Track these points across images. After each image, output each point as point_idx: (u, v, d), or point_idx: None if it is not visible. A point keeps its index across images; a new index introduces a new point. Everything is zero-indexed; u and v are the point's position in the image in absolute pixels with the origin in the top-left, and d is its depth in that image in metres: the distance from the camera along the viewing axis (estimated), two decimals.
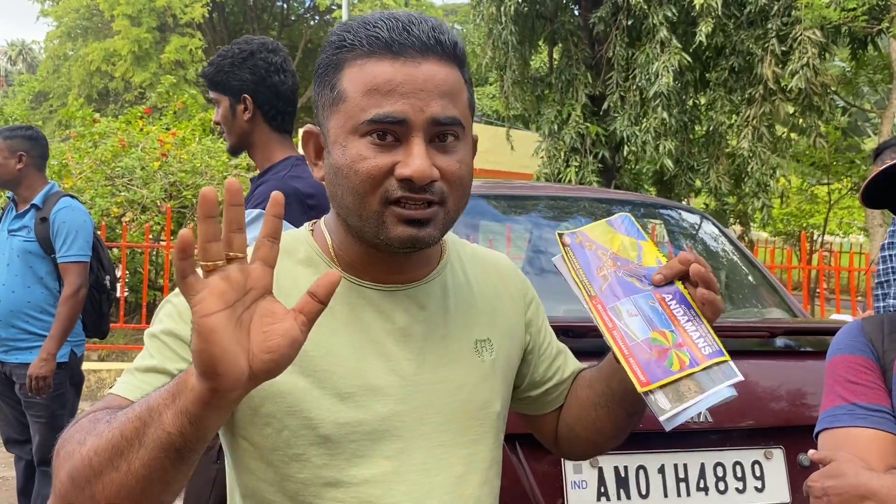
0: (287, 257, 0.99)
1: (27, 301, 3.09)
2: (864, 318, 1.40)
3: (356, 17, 0.95)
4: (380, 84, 0.89)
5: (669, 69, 8.91)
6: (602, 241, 1.05)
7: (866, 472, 1.18)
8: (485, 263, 1.14)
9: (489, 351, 1.05)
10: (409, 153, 0.89)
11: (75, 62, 23.60)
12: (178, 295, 0.94)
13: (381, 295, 0.99)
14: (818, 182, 14.25)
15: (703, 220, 3.20)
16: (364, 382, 0.95)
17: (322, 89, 0.96)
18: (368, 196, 0.91)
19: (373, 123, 0.89)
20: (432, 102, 0.90)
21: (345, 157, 0.91)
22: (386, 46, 0.90)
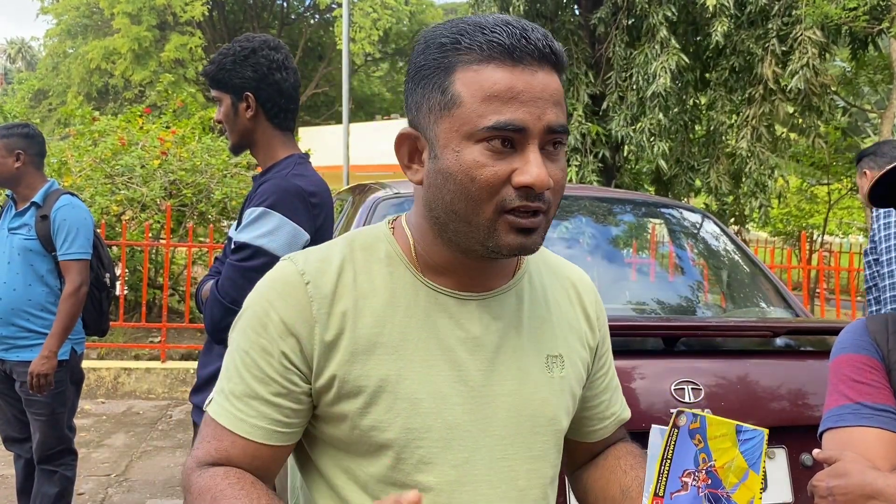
0: (367, 254, 0.99)
1: (28, 299, 3.08)
2: (869, 317, 1.40)
3: (463, 19, 0.93)
4: (500, 91, 0.88)
5: (667, 70, 8.90)
6: (715, 444, 0.93)
7: (872, 472, 1.18)
8: (562, 277, 1.12)
9: (560, 367, 1.05)
10: (527, 161, 0.89)
11: (75, 60, 23.58)
12: (259, 300, 0.97)
13: (456, 302, 0.99)
14: (818, 182, 14.24)
15: (704, 220, 3.20)
16: (434, 389, 0.95)
17: (428, 91, 0.93)
18: (484, 203, 0.90)
19: (493, 130, 0.88)
20: (548, 110, 0.90)
21: (459, 162, 0.89)
22: (507, 52, 0.89)
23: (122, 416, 5.70)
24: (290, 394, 0.95)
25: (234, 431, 0.95)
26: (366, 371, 0.94)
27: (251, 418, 0.94)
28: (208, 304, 1.95)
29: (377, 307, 0.96)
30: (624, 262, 3.09)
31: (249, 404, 0.95)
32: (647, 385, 1.94)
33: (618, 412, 1.18)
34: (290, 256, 1.00)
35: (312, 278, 0.95)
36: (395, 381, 0.94)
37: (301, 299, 0.94)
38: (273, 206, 1.91)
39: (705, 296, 3.00)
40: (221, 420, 0.96)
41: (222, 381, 0.97)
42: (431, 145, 0.93)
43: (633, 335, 2.16)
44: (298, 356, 0.94)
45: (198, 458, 0.96)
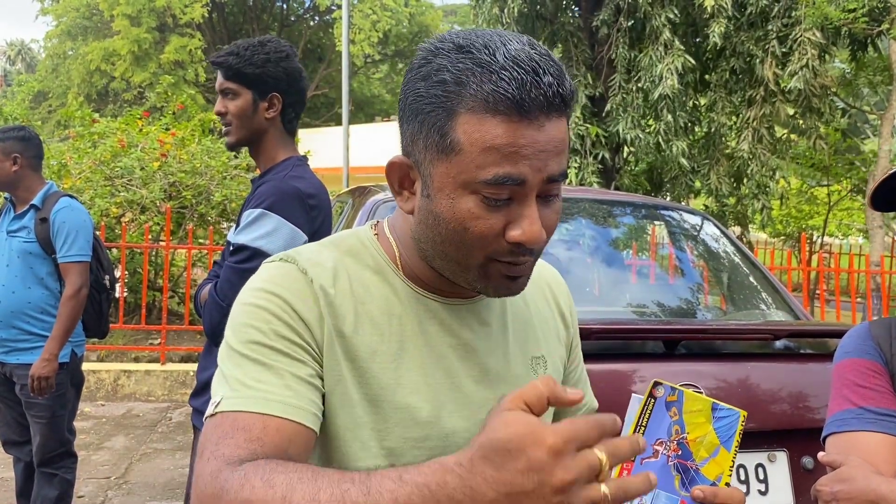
0: (354, 261, 0.98)
1: (28, 302, 3.07)
2: (873, 322, 1.39)
3: (470, 50, 0.85)
4: (501, 145, 0.84)
5: (674, 71, 8.90)
6: (689, 418, 0.94)
7: (876, 477, 1.18)
8: (537, 277, 1.12)
9: (543, 367, 1.06)
10: (522, 216, 0.87)
11: (74, 61, 23.60)
12: (263, 294, 0.91)
13: (445, 308, 0.98)
14: (818, 183, 14.24)
15: (704, 222, 3.19)
16: (430, 397, 0.95)
17: (426, 129, 0.88)
18: (476, 251, 0.90)
19: (491, 185, 0.85)
20: (550, 162, 0.87)
21: (453, 210, 0.88)
22: (514, 105, 0.83)
23: (121, 418, 5.69)
24: (318, 377, 0.90)
25: (273, 414, 0.84)
26: (366, 378, 0.93)
27: (292, 398, 0.86)
28: (207, 307, 1.95)
29: (375, 315, 0.95)
30: (624, 264, 3.09)
31: (287, 385, 0.86)
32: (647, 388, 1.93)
33: (588, 402, 1.20)
34: (283, 256, 0.97)
35: (315, 277, 0.93)
36: (393, 390, 0.93)
37: (309, 294, 0.92)
38: (271, 208, 1.91)
39: (706, 298, 3.00)
40: (248, 407, 0.85)
41: (237, 377, 0.88)
42: (425, 182, 0.91)
43: (633, 338, 2.15)
44: (315, 346, 0.91)
45: (225, 456, 0.81)
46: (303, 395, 0.87)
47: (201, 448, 0.84)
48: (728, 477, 0.93)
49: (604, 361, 2.00)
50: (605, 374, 1.97)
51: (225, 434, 0.83)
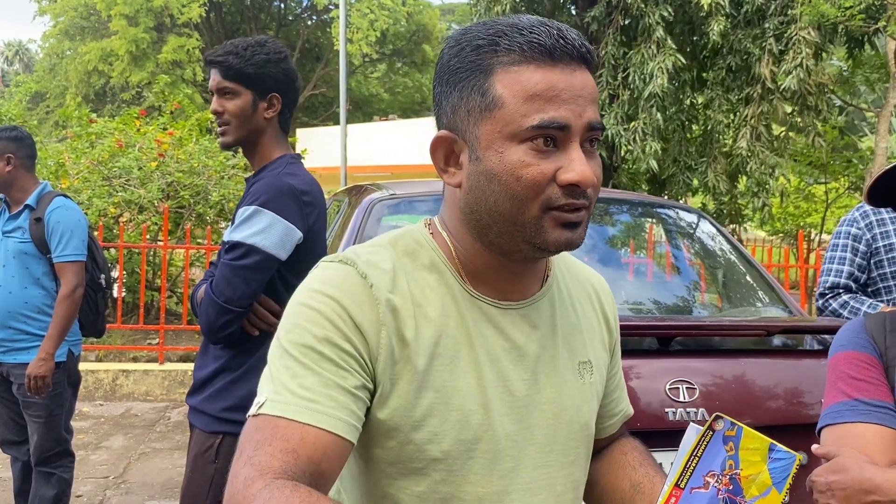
0: (412, 261, 0.98)
1: (24, 302, 3.08)
2: (867, 316, 1.41)
3: (497, 20, 0.93)
4: (542, 90, 0.89)
5: (664, 70, 8.90)
6: (745, 455, 0.94)
7: (870, 468, 1.19)
8: (584, 281, 1.13)
9: (589, 373, 1.06)
10: (571, 159, 0.90)
11: (72, 61, 23.59)
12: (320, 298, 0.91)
13: (498, 312, 0.98)
14: (815, 181, 14.26)
15: (700, 220, 3.20)
16: (484, 401, 0.95)
17: (466, 94, 0.92)
18: (530, 202, 0.90)
19: (537, 129, 0.88)
20: (588, 108, 0.91)
21: (503, 163, 0.90)
22: (547, 53, 0.89)
23: (120, 418, 5.70)
24: (365, 389, 0.90)
25: (313, 424, 0.84)
26: (425, 382, 0.92)
27: (333, 409, 0.86)
28: (203, 305, 1.95)
29: (432, 317, 0.95)
30: (621, 262, 3.10)
31: (331, 396, 0.86)
32: (642, 385, 1.94)
33: (624, 409, 1.21)
34: (341, 258, 0.95)
35: (374, 281, 0.92)
36: (450, 393, 0.93)
37: (368, 301, 0.91)
38: (265, 205, 1.92)
39: (702, 295, 3.00)
40: (290, 414, 0.85)
41: (282, 380, 0.87)
42: (472, 147, 0.93)
43: (628, 335, 2.15)
44: (366, 353, 0.90)
45: (260, 465, 0.81)
46: (345, 406, 0.87)
47: (241, 446, 0.85)
48: None
49: (633, 358, 2.00)
50: None
51: (264, 440, 0.84)
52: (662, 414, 1.85)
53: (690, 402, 1.88)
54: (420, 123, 18.27)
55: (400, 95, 27.73)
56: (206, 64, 2.09)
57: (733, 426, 0.95)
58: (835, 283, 2.45)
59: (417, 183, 3.25)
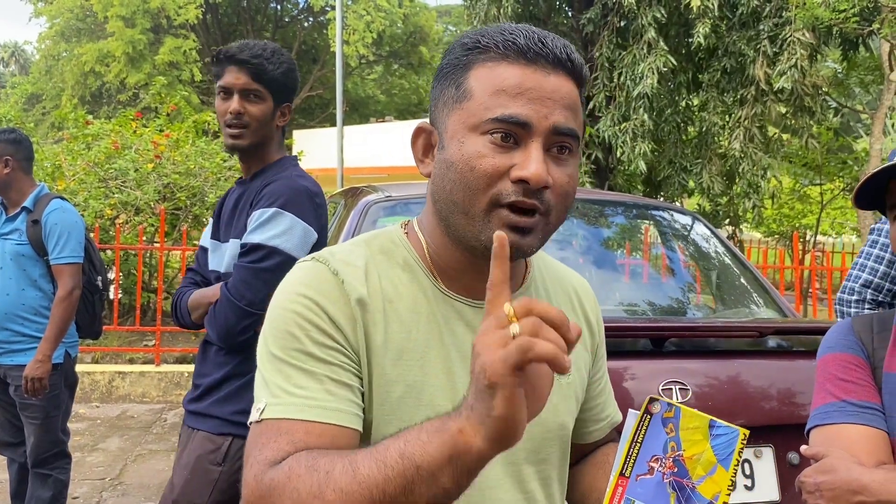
0: (385, 259, 1.00)
1: (21, 304, 3.08)
2: (855, 317, 1.42)
3: (490, 26, 0.97)
4: (509, 86, 0.91)
5: (655, 71, 8.92)
6: (686, 435, 0.94)
7: (858, 468, 1.20)
8: (565, 283, 1.14)
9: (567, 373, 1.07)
10: (528, 156, 0.90)
11: (68, 63, 23.53)
12: (296, 300, 0.92)
13: (471, 310, 0.99)
14: (810, 183, 14.29)
15: (694, 222, 3.21)
16: (453, 397, 0.95)
17: (445, 87, 0.97)
18: (480, 194, 0.91)
19: (496, 122, 0.90)
20: (556, 111, 0.91)
21: (462, 152, 0.92)
22: (521, 52, 0.91)
23: (116, 419, 5.70)
24: (355, 377, 0.92)
25: (318, 420, 0.87)
26: (395, 376, 0.94)
27: (332, 402, 0.88)
28: (220, 309, 1.93)
29: (403, 313, 0.96)
30: (615, 263, 3.11)
31: (327, 390, 0.89)
32: (635, 386, 1.95)
33: (612, 414, 1.21)
34: (314, 257, 0.98)
35: (346, 278, 0.95)
36: (420, 389, 0.95)
37: (341, 297, 0.93)
38: (284, 207, 1.93)
39: (696, 297, 3.02)
40: (298, 415, 0.87)
41: (278, 383, 0.90)
42: (441, 137, 0.96)
43: (621, 336, 2.17)
44: (349, 347, 0.93)
45: (268, 459, 0.85)
46: (342, 397, 0.90)
47: (247, 454, 0.88)
48: (726, 496, 0.91)
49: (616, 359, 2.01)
50: None
51: (268, 440, 0.87)
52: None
53: (684, 402, 1.89)
54: (415, 125, 18.28)
55: (396, 97, 27.73)
56: (230, 61, 2.01)
57: (670, 407, 0.94)
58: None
59: (413, 185, 3.27)
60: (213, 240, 2.12)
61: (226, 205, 2.12)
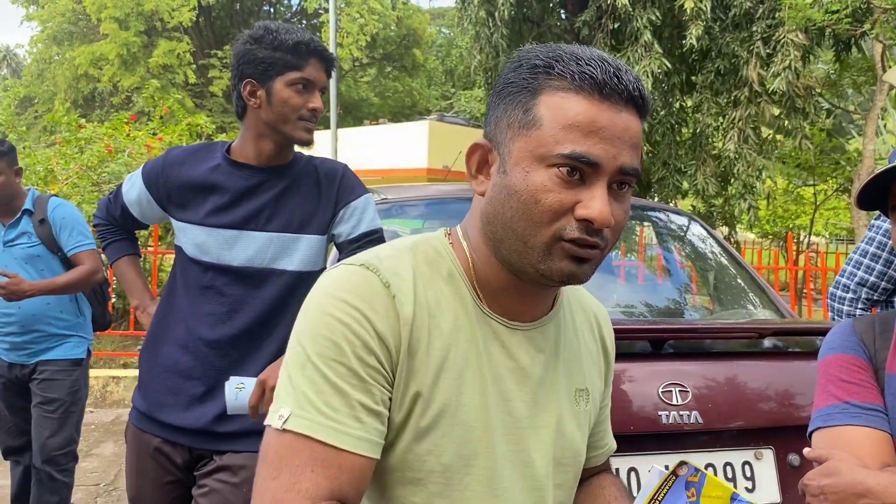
0: (430, 269, 0.98)
1: (46, 304, 3.10)
2: (856, 318, 1.41)
3: (562, 47, 0.93)
4: (582, 122, 0.88)
5: (649, 74, 8.94)
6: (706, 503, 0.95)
7: (862, 471, 1.19)
8: (586, 309, 1.14)
9: (585, 401, 1.07)
10: (593, 196, 0.89)
11: (61, 66, 23.45)
12: (345, 308, 0.90)
13: (506, 331, 0.99)
14: (804, 183, 14.35)
15: (690, 222, 3.21)
16: (485, 418, 0.95)
17: (510, 108, 0.93)
18: (543, 227, 0.90)
19: (567, 158, 0.88)
20: (624, 151, 0.90)
21: (527, 182, 0.90)
22: (597, 87, 0.89)
23: (110, 424, 5.66)
24: (388, 402, 0.92)
25: (342, 447, 0.87)
26: (433, 394, 0.93)
27: (359, 430, 0.88)
28: None
29: (445, 329, 0.95)
30: (612, 265, 3.10)
31: (356, 416, 0.88)
32: (635, 388, 1.94)
33: (609, 443, 1.22)
34: (364, 263, 0.95)
35: (397, 292, 0.93)
36: (455, 407, 0.94)
37: (391, 312, 0.91)
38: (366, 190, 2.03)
39: (693, 298, 3.02)
40: (323, 437, 0.86)
41: (308, 394, 0.88)
42: (503, 160, 0.93)
43: (620, 338, 2.16)
44: (390, 367, 0.91)
45: (308, 493, 0.84)
46: (370, 426, 0.89)
47: (271, 462, 0.87)
48: None
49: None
50: None
51: (304, 464, 0.86)
52: (656, 417, 1.86)
53: (683, 405, 1.89)
54: (410, 127, 18.25)
55: (390, 99, 27.72)
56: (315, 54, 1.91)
57: (697, 472, 0.95)
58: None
59: (409, 187, 3.26)
60: (230, 229, 1.92)
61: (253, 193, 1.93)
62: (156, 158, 2.05)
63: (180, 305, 1.97)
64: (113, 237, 2.20)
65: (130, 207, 2.08)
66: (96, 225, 2.22)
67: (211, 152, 1.98)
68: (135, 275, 2.23)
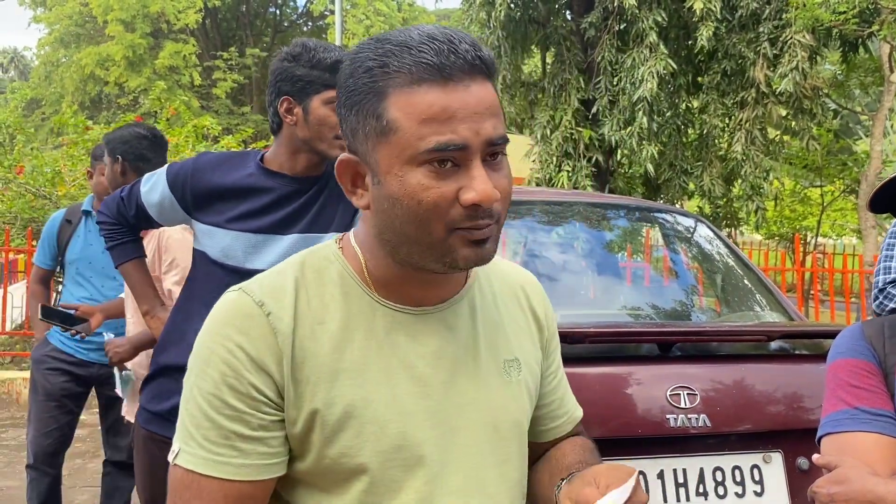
0: (318, 277, 0.98)
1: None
2: (865, 322, 1.40)
3: (388, 38, 0.91)
4: (436, 112, 0.87)
5: (655, 75, 8.92)
6: None
7: (872, 478, 1.18)
8: (510, 282, 1.13)
9: (517, 370, 1.06)
10: (472, 178, 0.89)
11: (68, 68, 23.54)
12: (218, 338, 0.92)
13: (413, 319, 0.99)
14: (811, 184, 14.29)
15: (697, 224, 3.20)
16: (400, 409, 0.95)
17: (361, 117, 0.92)
18: (434, 224, 0.90)
19: (433, 152, 0.88)
20: (485, 124, 0.89)
21: (403, 187, 0.89)
22: (437, 71, 0.88)
23: None
24: (272, 425, 0.93)
25: (223, 477, 0.91)
26: (331, 399, 0.93)
27: (237, 458, 0.91)
28: None
29: (334, 332, 0.95)
30: (618, 267, 3.10)
31: (232, 446, 0.91)
32: (643, 391, 1.94)
33: (570, 410, 1.19)
34: (241, 287, 0.96)
35: (272, 309, 0.93)
36: (362, 407, 0.93)
37: (265, 332, 0.92)
38: None
39: (700, 300, 3.00)
40: (203, 469, 0.91)
41: (189, 429, 0.92)
42: (373, 171, 0.92)
43: (627, 341, 2.16)
44: (272, 389, 0.92)
45: None
46: (249, 451, 0.91)
47: (173, 499, 0.93)
48: None
49: (599, 365, 2.00)
50: (600, 378, 1.97)
51: (193, 497, 0.91)
52: (663, 420, 1.85)
53: (691, 408, 1.88)
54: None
55: None
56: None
57: None
58: None
59: None
60: (258, 234, 1.94)
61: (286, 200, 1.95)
62: (183, 162, 2.06)
63: (198, 310, 1.97)
64: (121, 238, 2.19)
65: (149, 209, 2.08)
66: (102, 223, 2.20)
67: (244, 160, 2.01)
68: (144, 279, 2.22)
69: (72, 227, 3.23)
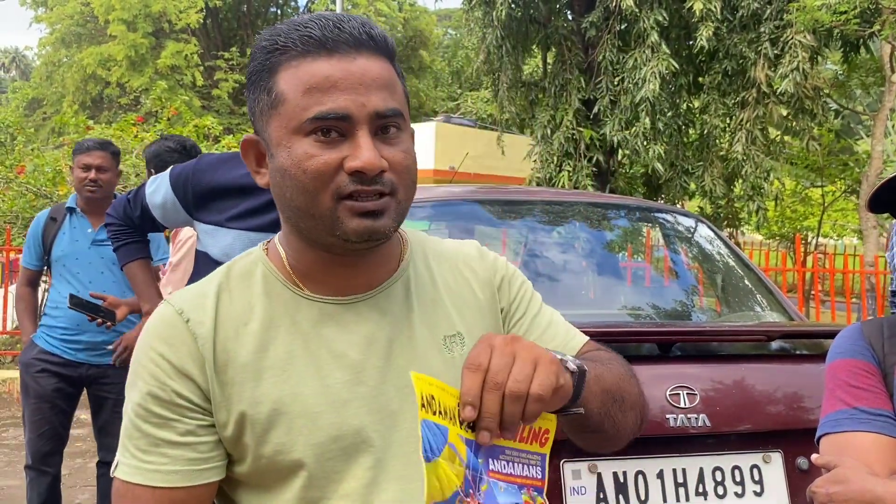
0: (242, 280, 1.00)
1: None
2: (864, 322, 1.40)
3: (284, 21, 0.95)
4: (318, 82, 0.90)
5: (657, 75, 8.92)
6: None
7: (871, 478, 1.18)
8: (451, 258, 1.11)
9: (460, 345, 1.03)
10: (356, 146, 0.90)
11: (70, 68, 23.56)
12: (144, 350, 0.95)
13: (342, 309, 0.98)
14: (812, 185, 14.29)
15: (698, 224, 3.20)
16: (332, 399, 0.94)
17: (257, 95, 0.95)
18: (320, 193, 0.91)
19: (316, 121, 0.89)
20: (372, 96, 0.91)
21: (290, 157, 0.91)
22: (320, 44, 0.90)
23: None
24: (199, 429, 0.93)
25: (153, 485, 0.91)
26: (256, 398, 0.93)
27: (166, 465, 0.92)
28: None
29: (257, 332, 0.95)
30: (619, 267, 3.10)
31: (160, 453, 0.92)
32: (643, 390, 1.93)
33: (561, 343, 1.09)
34: (167, 299, 0.99)
35: (192, 315, 0.95)
36: (290, 402, 0.93)
37: (185, 339, 0.93)
38: None
39: (700, 300, 3.00)
40: (135, 479, 0.92)
41: (124, 440, 0.94)
42: (268, 147, 0.95)
43: (627, 341, 2.16)
44: (196, 394, 0.93)
45: None
46: (179, 457, 0.92)
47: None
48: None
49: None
50: None
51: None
52: (663, 420, 1.85)
53: (691, 407, 1.88)
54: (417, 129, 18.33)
55: None
56: None
57: None
58: None
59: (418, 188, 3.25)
60: (259, 232, 2.00)
61: None
62: (185, 164, 2.07)
63: None
64: (127, 239, 2.21)
65: (153, 210, 2.09)
66: (109, 224, 2.22)
67: None
68: (148, 279, 2.24)
69: (57, 225, 3.27)
